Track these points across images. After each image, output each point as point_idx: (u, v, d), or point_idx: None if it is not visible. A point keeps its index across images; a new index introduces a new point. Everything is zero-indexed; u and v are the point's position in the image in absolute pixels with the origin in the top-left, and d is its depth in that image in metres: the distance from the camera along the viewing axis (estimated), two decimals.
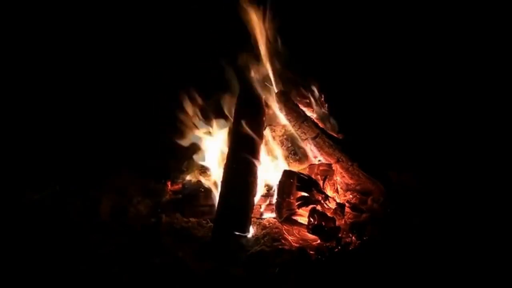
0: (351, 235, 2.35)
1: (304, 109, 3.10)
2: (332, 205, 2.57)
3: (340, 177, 2.88)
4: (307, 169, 2.86)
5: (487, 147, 3.14)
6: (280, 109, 3.06)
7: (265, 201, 2.74)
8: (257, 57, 3.10)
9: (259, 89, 3.09)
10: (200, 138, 3.08)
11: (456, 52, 4.11)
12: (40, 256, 2.26)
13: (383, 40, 4.25)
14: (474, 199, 2.53)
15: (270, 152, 2.99)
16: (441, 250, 2.13)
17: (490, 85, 3.85)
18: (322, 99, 3.21)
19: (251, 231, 2.48)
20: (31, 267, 2.17)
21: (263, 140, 2.92)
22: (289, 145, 3.03)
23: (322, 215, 2.39)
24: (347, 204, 2.65)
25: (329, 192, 2.70)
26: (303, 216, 2.52)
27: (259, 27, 3.05)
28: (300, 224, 2.49)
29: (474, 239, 2.19)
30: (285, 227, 2.49)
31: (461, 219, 2.37)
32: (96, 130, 3.75)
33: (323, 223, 2.34)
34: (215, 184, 2.86)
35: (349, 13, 4.28)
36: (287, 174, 2.63)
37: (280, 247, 2.31)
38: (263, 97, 3.10)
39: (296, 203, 2.54)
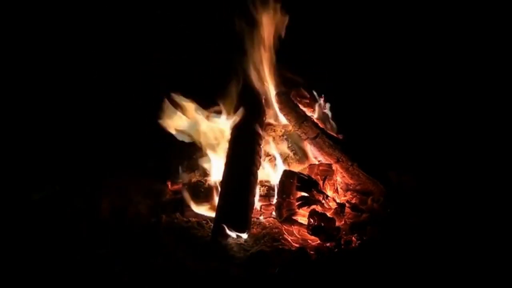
0: (351, 235, 2.35)
1: (304, 109, 3.10)
2: (332, 205, 2.57)
3: (340, 177, 2.88)
4: (307, 169, 2.85)
5: (487, 147, 3.14)
6: (280, 109, 3.06)
7: (265, 201, 2.74)
8: (258, 57, 3.09)
9: (259, 89, 3.09)
10: (200, 138, 3.07)
11: (456, 52, 4.11)
12: (40, 256, 2.26)
13: (383, 40, 4.25)
14: (474, 199, 2.53)
15: (270, 152, 2.99)
16: (441, 250, 2.13)
17: (490, 85, 3.85)
18: (322, 99, 3.20)
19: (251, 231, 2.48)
20: (31, 267, 2.17)
21: (263, 140, 2.92)
22: (289, 145, 3.03)
23: (322, 216, 2.39)
24: (347, 204, 2.65)
25: (329, 192, 2.70)
26: (303, 216, 2.53)
27: (263, 28, 3.05)
28: (300, 224, 2.49)
29: (474, 239, 2.19)
30: (285, 227, 2.49)
31: (461, 219, 2.38)
32: (96, 130, 3.75)
33: (323, 224, 2.34)
34: (215, 184, 2.86)
35: (349, 13, 4.28)
36: (287, 174, 2.63)
37: (280, 247, 2.31)
38: (263, 97, 3.10)
39: (296, 203, 2.54)
